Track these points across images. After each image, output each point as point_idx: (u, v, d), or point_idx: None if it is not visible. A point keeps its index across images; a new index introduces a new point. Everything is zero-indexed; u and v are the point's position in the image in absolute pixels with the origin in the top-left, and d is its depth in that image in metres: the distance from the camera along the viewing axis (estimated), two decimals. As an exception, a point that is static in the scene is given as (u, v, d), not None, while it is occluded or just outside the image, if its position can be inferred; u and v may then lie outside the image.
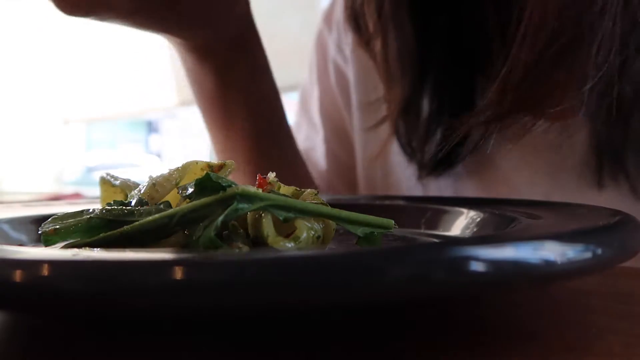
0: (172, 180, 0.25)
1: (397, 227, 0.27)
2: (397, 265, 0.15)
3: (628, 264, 0.21)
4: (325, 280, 0.15)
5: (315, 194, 0.28)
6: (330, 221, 0.27)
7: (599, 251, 0.18)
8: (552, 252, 0.17)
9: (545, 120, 0.39)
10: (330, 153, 0.61)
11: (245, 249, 0.24)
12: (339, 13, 0.56)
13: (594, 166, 0.41)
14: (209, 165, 0.26)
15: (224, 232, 0.24)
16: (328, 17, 0.60)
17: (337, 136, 0.60)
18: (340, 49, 0.58)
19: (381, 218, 0.26)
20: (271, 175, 0.29)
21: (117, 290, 0.14)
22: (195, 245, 0.23)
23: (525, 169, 0.45)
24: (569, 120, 0.41)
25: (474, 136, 0.43)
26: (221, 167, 0.26)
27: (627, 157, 0.40)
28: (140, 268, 0.15)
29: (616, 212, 0.24)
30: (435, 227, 0.33)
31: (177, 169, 0.26)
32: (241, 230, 0.25)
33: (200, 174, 0.26)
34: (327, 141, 0.61)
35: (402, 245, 0.28)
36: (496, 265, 0.16)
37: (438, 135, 0.46)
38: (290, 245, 0.23)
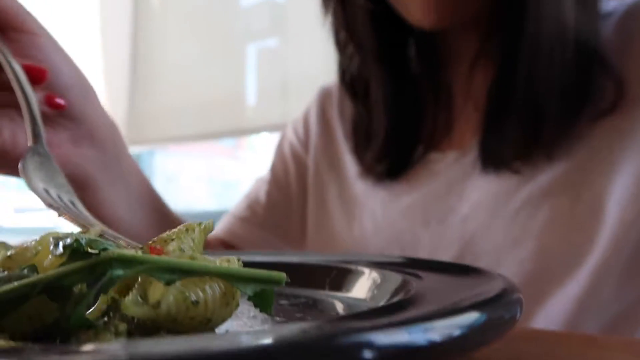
0: (29, 253, 0.23)
1: (289, 281, 0.25)
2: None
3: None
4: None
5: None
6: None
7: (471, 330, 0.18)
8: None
9: None
10: (270, 193, 0.71)
11: (123, 327, 0.22)
12: (313, 115, 0.72)
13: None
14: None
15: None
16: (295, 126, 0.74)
17: (279, 188, 0.71)
18: (302, 142, 0.72)
19: (271, 272, 0.24)
20: (172, 246, 0.26)
21: None
22: (66, 323, 0.21)
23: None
24: None
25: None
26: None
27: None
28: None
29: (497, 277, 0.24)
30: (339, 288, 0.33)
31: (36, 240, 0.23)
32: (122, 298, 0.23)
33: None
34: (270, 184, 0.71)
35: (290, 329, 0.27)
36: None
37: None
38: (149, 311, 0.21)
